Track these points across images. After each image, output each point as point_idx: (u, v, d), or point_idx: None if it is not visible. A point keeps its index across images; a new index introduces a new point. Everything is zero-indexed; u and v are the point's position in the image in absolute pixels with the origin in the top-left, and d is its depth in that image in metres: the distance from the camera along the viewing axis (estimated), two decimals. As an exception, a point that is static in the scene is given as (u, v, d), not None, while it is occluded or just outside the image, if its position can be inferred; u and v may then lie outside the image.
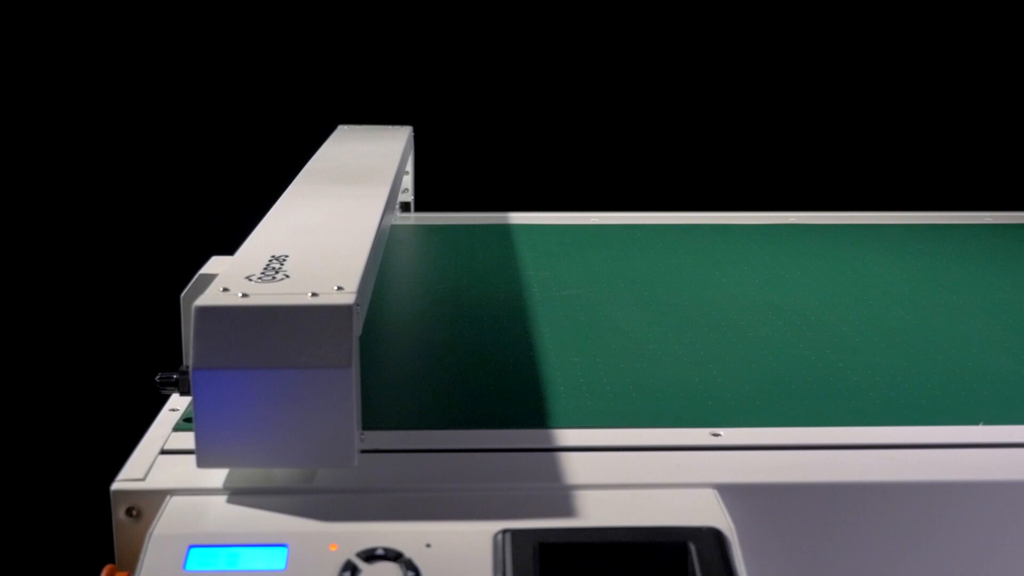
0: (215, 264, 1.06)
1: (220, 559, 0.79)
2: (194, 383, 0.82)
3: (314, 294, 0.86)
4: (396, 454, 0.92)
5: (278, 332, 0.83)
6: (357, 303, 0.86)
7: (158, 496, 0.85)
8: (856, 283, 1.42)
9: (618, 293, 1.36)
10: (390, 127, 1.80)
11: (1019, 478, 0.90)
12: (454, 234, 1.67)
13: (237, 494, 0.86)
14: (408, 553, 0.79)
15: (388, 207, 1.27)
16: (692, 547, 0.79)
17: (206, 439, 0.83)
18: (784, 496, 0.88)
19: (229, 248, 1.03)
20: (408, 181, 1.82)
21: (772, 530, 0.87)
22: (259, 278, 0.90)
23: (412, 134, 1.83)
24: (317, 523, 0.82)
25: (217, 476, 0.87)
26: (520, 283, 1.40)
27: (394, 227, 1.72)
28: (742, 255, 1.55)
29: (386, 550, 0.79)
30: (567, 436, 0.96)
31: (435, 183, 2.25)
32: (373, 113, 2.00)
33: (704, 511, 0.84)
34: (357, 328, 0.85)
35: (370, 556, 0.79)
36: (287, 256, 0.97)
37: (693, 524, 0.81)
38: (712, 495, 0.86)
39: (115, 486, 0.86)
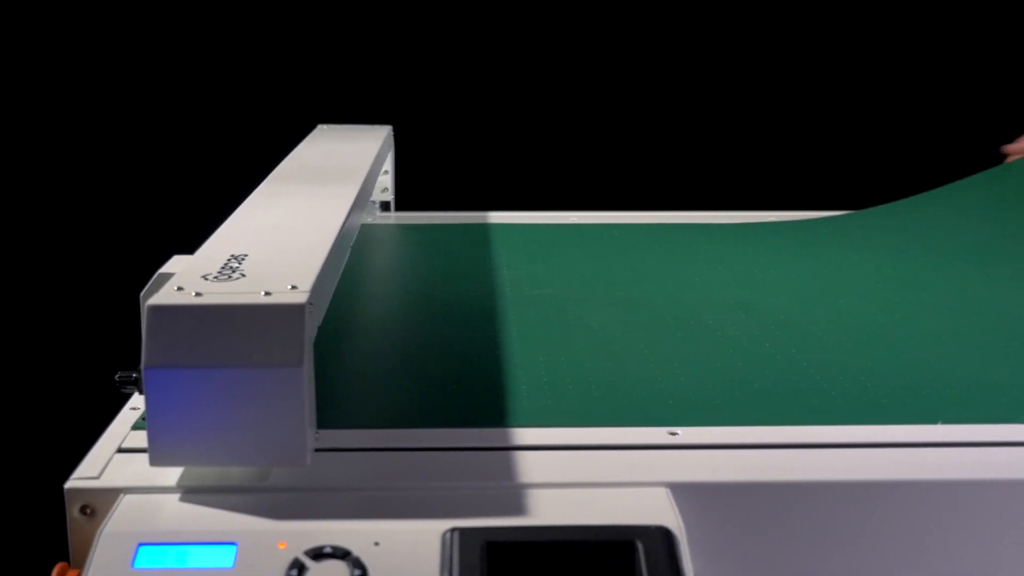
0: (175, 263, 1.06)
1: (169, 557, 0.79)
2: (146, 382, 0.82)
3: (267, 293, 0.86)
4: (351, 453, 0.92)
5: (230, 331, 0.83)
6: (311, 302, 0.86)
7: (111, 494, 0.86)
8: (829, 281, 1.42)
9: (590, 292, 1.36)
10: (369, 127, 1.80)
11: (975, 477, 0.90)
12: (432, 233, 1.67)
13: (190, 492, 0.86)
14: (356, 551, 0.79)
15: (357, 207, 1.27)
16: (640, 546, 0.80)
17: (159, 438, 0.83)
18: (737, 495, 0.88)
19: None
20: (388, 180, 1.82)
21: (725, 529, 0.88)
22: (215, 277, 0.90)
23: (391, 134, 1.83)
24: (267, 521, 0.82)
25: (171, 475, 0.87)
26: (494, 282, 1.41)
27: (373, 226, 1.72)
28: (717, 254, 1.55)
29: (334, 548, 0.79)
30: (524, 435, 0.96)
31: (420, 182, 2.26)
32: (357, 113, 1.99)
33: (654, 510, 0.84)
34: (311, 327, 0.85)
35: (318, 554, 0.79)
36: (246, 255, 0.97)
37: (642, 523, 0.82)
38: (664, 494, 0.86)
39: (69, 484, 0.87)
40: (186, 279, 0.90)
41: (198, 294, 0.86)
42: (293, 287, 0.87)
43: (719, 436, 0.96)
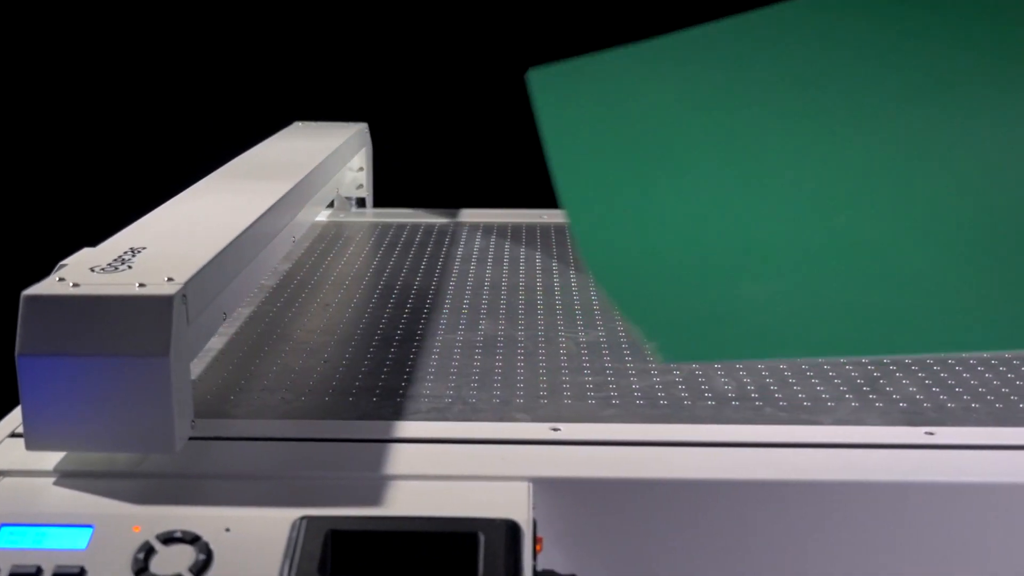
0: (80, 255, 1.09)
1: (28, 538, 0.82)
2: (19, 369, 0.86)
3: (142, 285, 0.89)
4: (226, 441, 0.95)
5: (100, 321, 0.86)
6: (183, 294, 0.88)
7: (-10, 477, 0.89)
8: None
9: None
10: (344, 124, 1.83)
11: (835, 478, 0.90)
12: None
13: (65, 476, 0.89)
14: (206, 537, 0.82)
15: (290, 203, 1.30)
16: (482, 538, 0.81)
17: (33, 423, 0.87)
18: (597, 490, 0.89)
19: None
20: (363, 177, 1.85)
21: (587, 523, 0.89)
22: (102, 269, 0.93)
23: (367, 131, 1.86)
24: (127, 506, 0.85)
25: (51, 459, 0.90)
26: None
27: (344, 223, 1.75)
28: None
29: (184, 533, 0.82)
30: (404, 428, 0.98)
31: (412, 180, 2.29)
32: (349, 111, 2.02)
33: (508, 504, 0.85)
34: (182, 319, 0.88)
35: (168, 539, 0.82)
36: (144, 248, 1.00)
37: (491, 516, 0.83)
38: (525, 488, 0.87)
39: (-48, 468, 0.90)
40: (73, 270, 0.93)
41: (75, 285, 0.89)
42: (169, 279, 0.90)
43: (601, 433, 0.97)
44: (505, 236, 1.65)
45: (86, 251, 1.02)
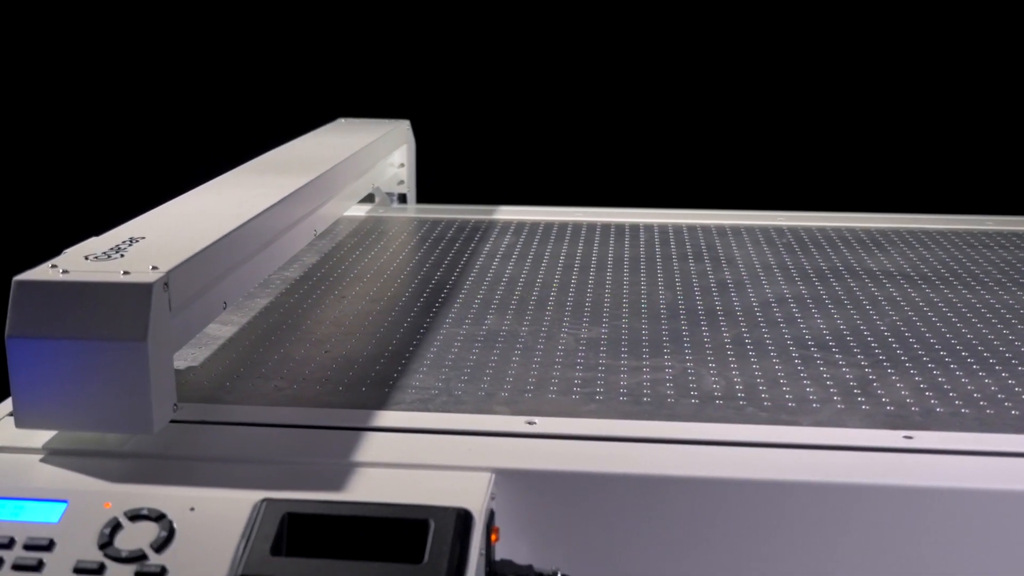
0: (85, 244, 1.14)
1: (6, 510, 0.86)
2: (8, 350, 0.90)
3: (126, 272, 0.92)
4: (208, 425, 0.98)
5: (85, 306, 0.90)
6: (165, 282, 0.92)
7: (-17, 452, 0.94)
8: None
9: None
10: (386, 120, 1.86)
11: (802, 479, 0.90)
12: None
13: (52, 454, 0.93)
14: (171, 515, 0.85)
15: (310, 196, 1.33)
16: (432, 524, 0.83)
17: (21, 403, 0.91)
18: (558, 483, 0.90)
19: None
20: (404, 173, 1.88)
21: (547, 515, 0.90)
22: (96, 257, 0.98)
23: (409, 128, 1.89)
24: (103, 483, 0.89)
25: (40, 437, 0.95)
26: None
27: (381, 218, 1.78)
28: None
29: (150, 511, 0.85)
30: (382, 417, 1.00)
31: (459, 176, 2.32)
32: (397, 108, 2.06)
33: (464, 493, 0.87)
34: (163, 306, 0.91)
35: (136, 516, 0.85)
36: (143, 238, 1.04)
37: (444, 504, 0.85)
38: (486, 479, 0.89)
39: (-51, 442, 0.95)
40: (68, 258, 0.97)
41: (65, 272, 0.93)
42: (154, 267, 0.93)
43: (575, 427, 0.98)
44: (536, 233, 1.67)
45: (91, 240, 1.07)
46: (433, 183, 2.05)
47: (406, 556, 0.82)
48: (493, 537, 0.87)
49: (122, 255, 0.98)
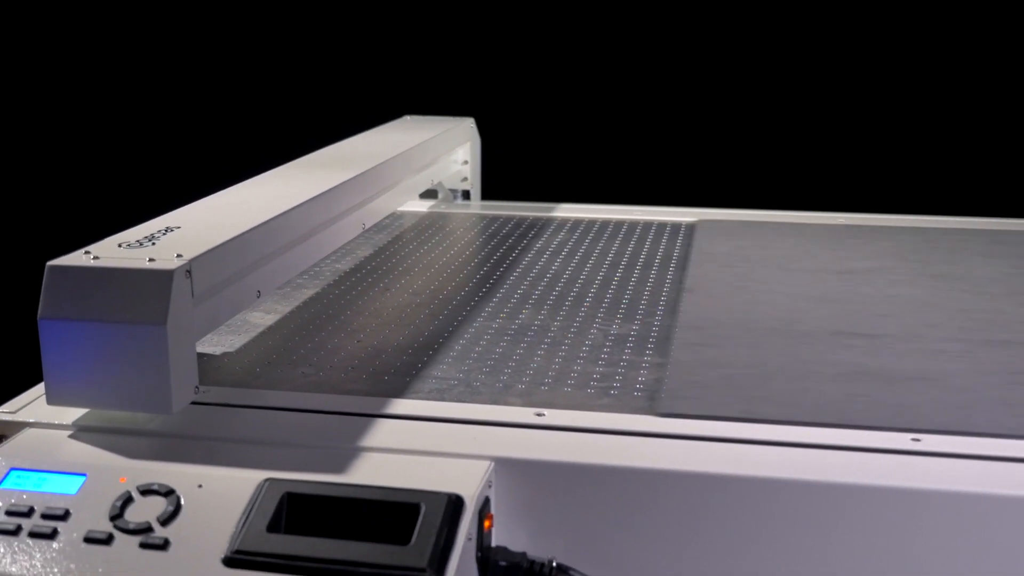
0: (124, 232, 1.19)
1: (30, 481, 0.92)
2: (40, 331, 0.95)
3: (151, 259, 0.97)
4: (230, 408, 1.02)
5: (110, 290, 0.95)
6: (187, 270, 0.96)
7: (18, 427, 0.99)
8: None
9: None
10: (449, 118, 1.89)
11: (804, 478, 0.90)
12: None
13: (80, 431, 0.98)
14: (180, 491, 0.89)
15: (356, 191, 1.37)
16: (423, 508, 0.86)
17: (52, 381, 0.96)
18: (556, 473, 0.92)
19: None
20: (467, 170, 1.91)
21: (545, 504, 0.92)
22: (129, 245, 1.02)
23: (474, 125, 1.92)
24: (121, 459, 0.93)
25: (71, 414, 1.00)
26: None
27: (442, 213, 1.82)
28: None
29: (160, 486, 0.90)
30: (396, 405, 1.03)
31: (527, 174, 2.34)
32: (471, 107, 2.08)
33: (460, 479, 0.89)
34: (184, 292, 0.96)
35: (147, 490, 0.90)
36: (178, 228, 1.09)
37: (437, 489, 0.87)
38: (484, 467, 0.91)
39: (-10, 416, 1.01)
40: (102, 245, 1.02)
41: (95, 258, 0.98)
42: (178, 255, 0.98)
43: (581, 420, 0.99)
44: (591, 231, 1.68)
45: (133, 229, 1.12)
46: (502, 181, 2.07)
47: (395, 538, 0.84)
48: (487, 524, 0.89)
49: (153, 243, 1.03)
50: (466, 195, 1.93)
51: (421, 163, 1.65)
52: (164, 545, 0.85)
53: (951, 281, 1.39)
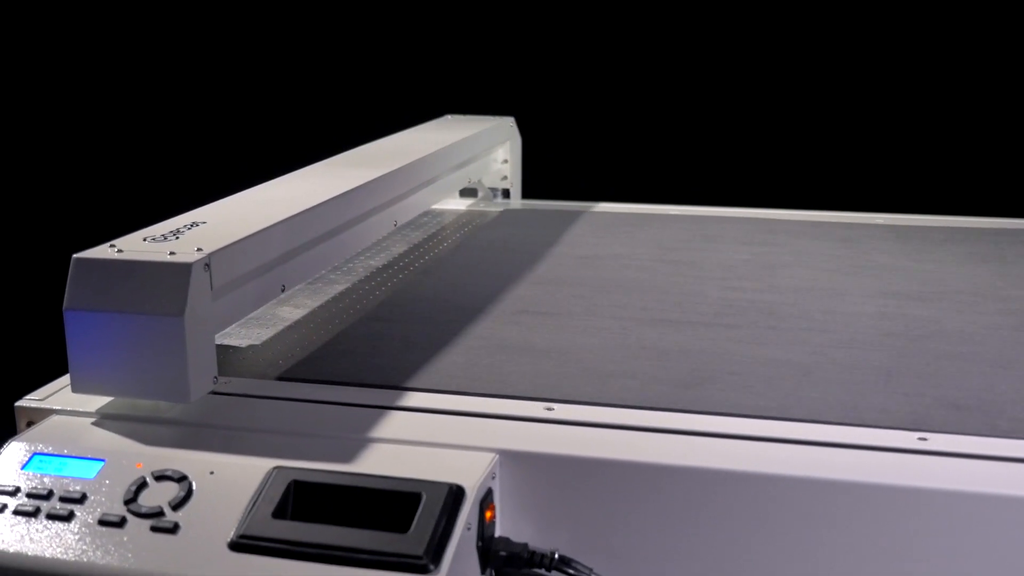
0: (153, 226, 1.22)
1: (52, 465, 0.95)
2: (65, 321, 0.99)
3: (172, 253, 1.00)
4: (247, 399, 1.05)
5: (131, 283, 0.98)
6: (206, 264, 0.99)
7: (45, 413, 1.03)
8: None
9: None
10: (490, 117, 1.91)
11: (811, 475, 0.90)
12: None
13: (103, 418, 1.02)
14: (192, 477, 0.92)
15: (387, 188, 1.39)
16: (423, 497, 0.87)
17: (77, 370, 1.00)
18: (558, 466, 0.93)
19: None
20: (507, 169, 1.92)
21: (548, 496, 0.93)
22: (154, 239, 1.06)
23: (514, 124, 1.93)
24: (139, 446, 0.97)
25: (95, 402, 1.03)
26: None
27: (480, 211, 1.84)
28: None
29: (174, 472, 0.92)
30: (408, 397, 1.05)
31: (572, 173, 2.35)
32: (515, 107, 2.10)
33: (463, 470, 0.91)
34: (203, 285, 0.99)
35: (161, 476, 0.93)
36: (204, 223, 1.12)
37: (439, 480, 0.89)
38: (488, 459, 0.93)
39: (19, 403, 1.05)
40: (128, 239, 1.06)
41: (120, 251, 1.01)
42: (198, 249, 1.01)
43: (587, 415, 1.00)
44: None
45: (161, 224, 1.15)
46: (544, 180, 2.09)
47: (396, 525, 0.86)
48: (488, 514, 0.91)
49: (177, 237, 1.06)
50: (506, 194, 1.94)
51: (457, 161, 1.67)
52: (174, 529, 0.88)
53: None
